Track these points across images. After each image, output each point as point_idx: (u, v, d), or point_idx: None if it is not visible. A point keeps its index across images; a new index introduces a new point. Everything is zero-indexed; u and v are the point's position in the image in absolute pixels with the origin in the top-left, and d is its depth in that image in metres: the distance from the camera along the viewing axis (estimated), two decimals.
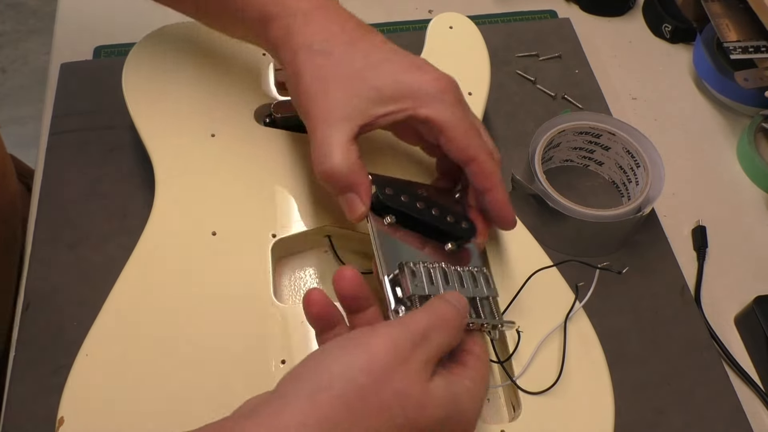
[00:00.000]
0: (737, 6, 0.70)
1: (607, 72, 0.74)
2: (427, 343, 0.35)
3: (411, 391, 0.33)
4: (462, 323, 0.38)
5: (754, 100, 0.69)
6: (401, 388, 0.33)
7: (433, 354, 0.35)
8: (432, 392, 0.34)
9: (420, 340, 0.35)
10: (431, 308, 0.37)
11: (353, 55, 0.46)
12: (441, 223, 0.45)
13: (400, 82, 0.45)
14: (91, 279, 0.55)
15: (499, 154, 0.48)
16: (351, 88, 0.45)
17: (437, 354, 0.36)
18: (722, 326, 0.58)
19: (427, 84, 0.45)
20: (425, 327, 0.35)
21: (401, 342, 0.34)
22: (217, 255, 0.50)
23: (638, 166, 0.60)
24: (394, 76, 0.45)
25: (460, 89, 0.47)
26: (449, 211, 0.46)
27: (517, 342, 0.47)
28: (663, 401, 0.52)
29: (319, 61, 0.45)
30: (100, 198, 0.59)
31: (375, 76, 0.45)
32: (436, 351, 0.36)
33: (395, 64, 0.46)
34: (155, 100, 0.57)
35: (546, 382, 0.46)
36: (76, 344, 0.46)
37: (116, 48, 0.71)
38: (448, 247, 0.45)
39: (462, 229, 0.46)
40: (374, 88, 0.45)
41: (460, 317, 0.38)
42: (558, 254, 0.55)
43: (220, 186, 0.53)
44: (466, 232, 0.46)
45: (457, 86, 0.47)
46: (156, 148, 0.54)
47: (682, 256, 0.60)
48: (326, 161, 0.44)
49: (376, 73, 0.45)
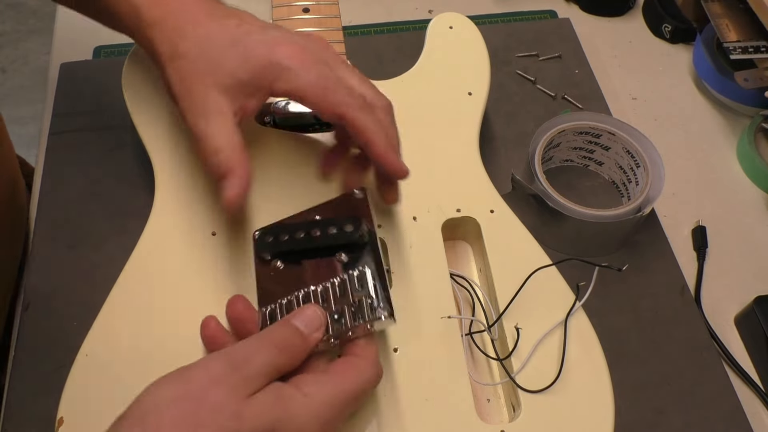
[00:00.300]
0: (737, 6, 0.70)
1: (607, 72, 0.74)
2: (248, 364, 0.37)
3: (225, 405, 0.35)
4: (301, 341, 0.40)
5: (754, 100, 0.69)
6: (214, 404, 0.35)
7: (255, 372, 0.37)
8: (251, 404, 0.36)
9: (240, 363, 0.37)
10: (263, 332, 0.40)
11: (207, 48, 0.46)
12: (324, 240, 0.45)
13: (250, 62, 0.45)
14: (91, 279, 0.55)
15: (384, 101, 0.47)
16: (210, 81, 0.46)
17: (264, 372, 0.38)
18: (722, 326, 0.58)
19: (276, 56, 0.45)
20: (248, 351, 0.38)
21: (215, 366, 0.37)
22: (217, 255, 0.50)
23: (638, 166, 0.60)
24: (244, 59, 0.46)
25: (312, 47, 0.46)
26: (332, 222, 0.45)
27: (516, 340, 0.47)
28: (663, 401, 0.52)
29: (178, 64, 0.46)
30: (100, 198, 0.59)
31: (228, 61, 0.46)
32: (261, 369, 0.38)
33: (246, 46, 0.46)
34: (155, 100, 0.57)
35: (546, 382, 0.46)
36: (76, 344, 0.46)
37: (116, 48, 0.71)
38: (341, 258, 0.44)
39: (347, 234, 0.45)
40: (229, 74, 0.46)
41: (297, 336, 0.40)
42: (558, 254, 0.55)
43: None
44: (352, 235, 0.45)
45: (305, 48, 0.46)
46: (156, 148, 0.54)
47: (682, 256, 0.60)
48: (210, 151, 0.45)
49: (229, 59, 0.46)
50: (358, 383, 0.40)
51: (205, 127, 0.45)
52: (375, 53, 0.71)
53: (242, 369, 0.37)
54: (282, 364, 0.39)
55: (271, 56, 0.45)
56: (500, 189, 0.55)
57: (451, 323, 0.48)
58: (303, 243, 0.45)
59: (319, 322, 0.41)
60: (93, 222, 0.57)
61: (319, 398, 0.38)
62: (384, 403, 0.44)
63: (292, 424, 0.37)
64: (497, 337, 0.49)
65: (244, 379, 0.37)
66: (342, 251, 0.44)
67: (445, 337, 0.47)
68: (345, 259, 0.44)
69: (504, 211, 0.54)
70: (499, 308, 0.49)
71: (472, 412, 0.45)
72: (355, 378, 0.40)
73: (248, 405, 0.36)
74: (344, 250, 0.44)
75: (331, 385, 0.39)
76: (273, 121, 0.57)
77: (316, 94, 0.45)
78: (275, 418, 0.36)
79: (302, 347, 0.40)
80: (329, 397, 0.38)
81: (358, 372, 0.40)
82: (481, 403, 0.48)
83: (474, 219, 0.53)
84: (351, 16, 0.75)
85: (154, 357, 0.46)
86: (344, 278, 0.43)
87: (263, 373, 0.38)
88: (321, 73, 0.45)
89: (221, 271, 0.49)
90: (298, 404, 0.37)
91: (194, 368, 0.37)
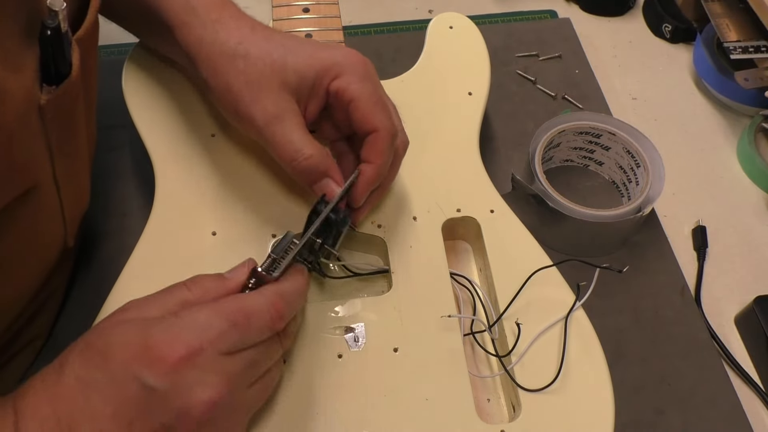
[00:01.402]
0: (737, 6, 0.70)
1: (607, 72, 0.74)
2: (153, 300, 0.40)
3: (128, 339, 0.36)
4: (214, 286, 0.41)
5: (754, 100, 0.69)
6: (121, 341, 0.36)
7: (150, 305, 0.39)
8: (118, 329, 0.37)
9: (149, 300, 0.39)
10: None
11: (270, 49, 0.47)
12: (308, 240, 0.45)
13: (315, 58, 0.47)
14: (92, 279, 0.55)
15: (405, 137, 0.49)
16: (278, 81, 0.46)
17: (160, 304, 0.39)
18: (722, 326, 0.58)
19: (339, 57, 0.47)
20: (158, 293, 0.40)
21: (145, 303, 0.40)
22: (217, 255, 0.50)
23: (638, 166, 0.60)
24: (309, 56, 0.47)
25: (372, 67, 0.48)
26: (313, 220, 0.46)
27: (517, 336, 0.47)
28: (663, 401, 0.52)
29: (240, 65, 0.47)
30: (100, 198, 0.59)
31: (294, 60, 0.47)
32: (159, 302, 0.39)
33: (308, 46, 0.48)
34: (155, 99, 0.57)
35: (546, 382, 0.46)
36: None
37: (116, 48, 0.71)
38: (318, 242, 0.45)
39: (328, 223, 0.45)
40: (296, 72, 0.47)
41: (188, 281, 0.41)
42: (558, 254, 0.55)
43: (220, 186, 0.53)
44: (335, 222, 0.45)
45: (369, 63, 0.48)
46: (156, 148, 0.54)
47: (682, 256, 0.60)
48: (300, 157, 0.46)
49: (295, 57, 0.47)
50: (234, 307, 0.38)
51: (284, 132, 0.46)
52: (375, 53, 0.71)
53: (142, 304, 0.39)
54: (187, 298, 0.39)
55: (335, 58, 0.47)
56: (500, 189, 0.55)
57: (451, 323, 0.48)
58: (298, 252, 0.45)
59: (243, 271, 0.42)
60: (93, 222, 0.57)
61: (186, 316, 0.37)
62: (384, 403, 0.44)
63: (140, 338, 0.36)
64: (497, 337, 0.49)
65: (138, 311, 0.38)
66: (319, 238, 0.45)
67: (445, 337, 0.47)
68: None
69: (504, 211, 0.54)
70: (499, 308, 0.49)
71: (472, 412, 0.45)
72: (235, 301, 0.39)
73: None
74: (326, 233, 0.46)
75: (205, 306, 0.38)
76: None
77: (367, 104, 0.47)
78: (131, 335, 0.36)
79: (216, 287, 0.40)
80: (197, 316, 0.37)
81: (241, 297, 0.39)
82: (481, 403, 0.48)
83: (474, 219, 0.53)
84: (351, 16, 0.75)
85: None
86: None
87: (161, 306, 0.39)
88: (374, 88, 0.47)
89: (221, 271, 0.49)
90: (160, 322, 0.37)
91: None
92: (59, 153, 0.43)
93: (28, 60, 0.38)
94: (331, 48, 0.48)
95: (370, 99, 0.47)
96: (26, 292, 0.47)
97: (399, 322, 0.47)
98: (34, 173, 0.41)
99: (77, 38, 0.42)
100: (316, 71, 0.47)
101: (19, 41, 0.37)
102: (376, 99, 0.47)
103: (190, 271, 0.49)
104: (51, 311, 0.53)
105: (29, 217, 0.43)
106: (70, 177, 0.46)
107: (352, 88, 0.47)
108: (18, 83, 0.37)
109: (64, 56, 0.40)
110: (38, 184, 0.42)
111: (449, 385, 0.45)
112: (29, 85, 0.38)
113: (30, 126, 0.39)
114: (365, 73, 0.47)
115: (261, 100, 0.46)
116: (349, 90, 0.47)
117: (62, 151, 0.43)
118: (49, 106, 0.39)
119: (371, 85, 0.47)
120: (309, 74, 0.47)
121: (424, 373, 0.46)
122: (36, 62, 0.39)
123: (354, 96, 0.46)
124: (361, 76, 0.47)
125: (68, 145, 0.44)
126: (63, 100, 0.41)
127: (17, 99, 0.37)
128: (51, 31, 0.38)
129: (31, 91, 0.38)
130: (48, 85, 0.39)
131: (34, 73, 0.38)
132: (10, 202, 0.39)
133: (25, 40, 0.38)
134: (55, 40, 0.39)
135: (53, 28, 0.38)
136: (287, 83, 0.46)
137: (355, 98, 0.46)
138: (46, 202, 0.44)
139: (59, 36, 0.39)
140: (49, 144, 0.41)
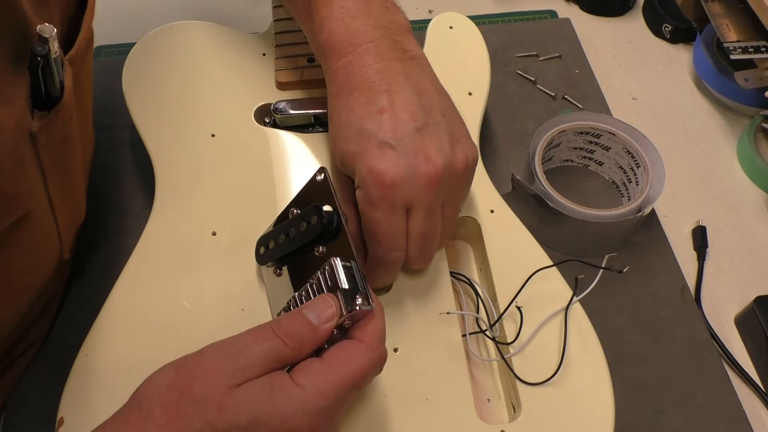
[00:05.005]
0: (737, 6, 0.70)
1: (607, 72, 0.74)
2: (242, 354, 0.37)
3: (210, 394, 0.35)
4: (309, 331, 0.39)
5: (754, 100, 0.69)
6: (200, 393, 0.35)
7: (247, 363, 0.36)
8: (236, 394, 0.35)
9: (235, 353, 0.37)
10: (267, 323, 0.39)
11: (339, 111, 0.47)
12: (300, 239, 0.45)
13: (344, 152, 0.46)
14: (91, 279, 0.55)
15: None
16: (333, 142, 0.47)
17: (260, 362, 0.37)
18: (722, 326, 0.58)
19: (361, 169, 0.44)
20: (246, 341, 0.38)
21: (209, 356, 0.37)
22: (217, 255, 0.50)
23: (638, 166, 0.60)
24: (344, 145, 0.46)
25: (395, 192, 0.44)
26: (302, 217, 0.45)
27: (520, 322, 0.47)
28: (663, 401, 0.52)
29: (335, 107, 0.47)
30: (100, 198, 0.59)
31: (337, 138, 0.47)
32: (257, 360, 0.37)
33: (351, 130, 0.46)
34: (155, 100, 0.57)
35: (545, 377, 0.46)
36: (76, 344, 0.46)
37: (116, 48, 0.71)
38: (319, 250, 0.44)
39: (315, 227, 0.44)
40: (338, 151, 0.46)
41: (305, 326, 0.38)
42: (558, 254, 0.55)
43: (220, 186, 0.53)
44: (317, 227, 0.44)
45: (392, 187, 0.44)
46: (156, 148, 0.54)
47: (682, 256, 0.60)
48: (395, 249, 0.45)
49: (338, 136, 0.47)
50: (353, 370, 0.37)
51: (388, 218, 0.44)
52: None
53: (236, 359, 0.36)
54: (286, 355, 0.37)
55: (361, 162, 0.44)
56: (500, 189, 0.55)
57: (451, 324, 0.48)
58: (286, 247, 0.45)
59: (332, 313, 0.39)
60: (93, 221, 0.57)
61: (310, 388, 0.36)
62: (384, 403, 0.44)
63: (276, 416, 0.35)
64: (498, 335, 0.49)
65: (235, 370, 0.36)
66: (319, 244, 0.44)
67: (445, 337, 0.47)
68: (323, 251, 0.44)
69: (504, 211, 0.54)
70: (499, 308, 0.49)
71: (472, 412, 0.45)
72: (350, 365, 0.37)
73: (232, 395, 0.35)
74: (321, 242, 0.44)
75: (323, 373, 0.37)
76: (273, 121, 0.57)
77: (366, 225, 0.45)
78: (258, 410, 0.35)
79: (310, 337, 0.38)
80: (321, 387, 0.36)
81: (353, 358, 0.38)
82: (481, 403, 0.48)
83: (474, 219, 0.53)
84: None
85: (154, 357, 0.45)
86: (319, 274, 0.42)
87: (259, 363, 0.37)
88: (381, 213, 0.45)
89: (221, 271, 0.49)
90: (286, 395, 0.36)
91: (190, 357, 0.37)
92: (52, 174, 0.41)
93: (17, 89, 0.36)
94: (366, 142, 0.45)
95: (371, 226, 0.44)
96: (22, 307, 0.46)
97: (399, 323, 0.47)
98: (27, 201, 0.40)
99: (70, 58, 0.40)
100: (343, 164, 0.46)
101: (6, 71, 0.36)
102: (374, 226, 0.44)
103: (190, 272, 0.49)
104: (49, 315, 0.52)
105: (23, 239, 0.41)
106: (65, 195, 0.45)
107: (361, 204, 0.45)
108: (7, 114, 0.35)
109: (54, 81, 0.38)
110: (32, 209, 0.41)
111: (449, 386, 0.45)
112: (19, 115, 0.36)
113: (21, 155, 0.37)
114: (376, 197, 0.44)
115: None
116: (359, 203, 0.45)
117: (55, 172, 0.42)
118: (41, 132, 0.38)
119: (378, 213, 0.44)
120: (339, 161, 0.47)
121: (424, 373, 0.46)
122: (26, 89, 0.37)
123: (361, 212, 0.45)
124: (370, 199, 0.44)
125: (62, 164, 0.43)
126: (55, 124, 0.39)
127: (7, 131, 0.35)
128: (41, 58, 0.36)
129: (21, 120, 0.36)
130: (39, 110, 0.37)
131: (24, 101, 0.37)
132: (2, 230, 0.38)
133: (14, 68, 0.36)
134: (46, 67, 0.37)
135: (43, 56, 0.36)
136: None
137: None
138: (40, 223, 0.43)
139: (49, 63, 0.37)
140: (42, 169, 0.40)
